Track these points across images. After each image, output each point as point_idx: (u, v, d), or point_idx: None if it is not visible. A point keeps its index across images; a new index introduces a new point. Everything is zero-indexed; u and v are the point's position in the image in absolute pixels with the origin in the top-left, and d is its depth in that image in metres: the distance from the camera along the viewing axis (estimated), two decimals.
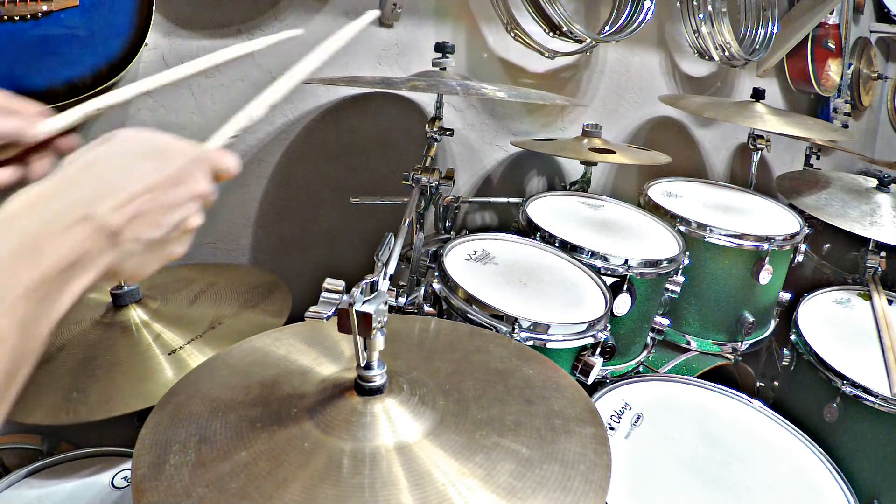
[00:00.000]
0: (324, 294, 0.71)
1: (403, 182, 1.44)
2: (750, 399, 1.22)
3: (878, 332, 1.51)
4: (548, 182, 2.32)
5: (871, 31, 3.38)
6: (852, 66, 3.17)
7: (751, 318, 1.69)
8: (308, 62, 0.71)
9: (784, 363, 1.52)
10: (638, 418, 1.13)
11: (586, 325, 1.17)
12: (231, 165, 0.60)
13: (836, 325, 1.54)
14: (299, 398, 0.76)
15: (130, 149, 0.53)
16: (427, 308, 1.22)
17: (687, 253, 1.52)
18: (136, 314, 1.16)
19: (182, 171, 0.54)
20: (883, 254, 1.79)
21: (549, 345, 1.13)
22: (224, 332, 1.16)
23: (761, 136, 2.30)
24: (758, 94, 2.11)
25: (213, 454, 0.67)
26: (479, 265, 1.32)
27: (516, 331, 1.11)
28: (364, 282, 0.71)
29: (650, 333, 1.55)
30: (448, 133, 1.51)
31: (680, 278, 1.49)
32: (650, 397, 1.20)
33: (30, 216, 0.44)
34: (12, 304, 0.41)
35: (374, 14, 0.80)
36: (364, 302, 0.70)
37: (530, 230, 1.50)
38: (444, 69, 1.50)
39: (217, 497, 0.61)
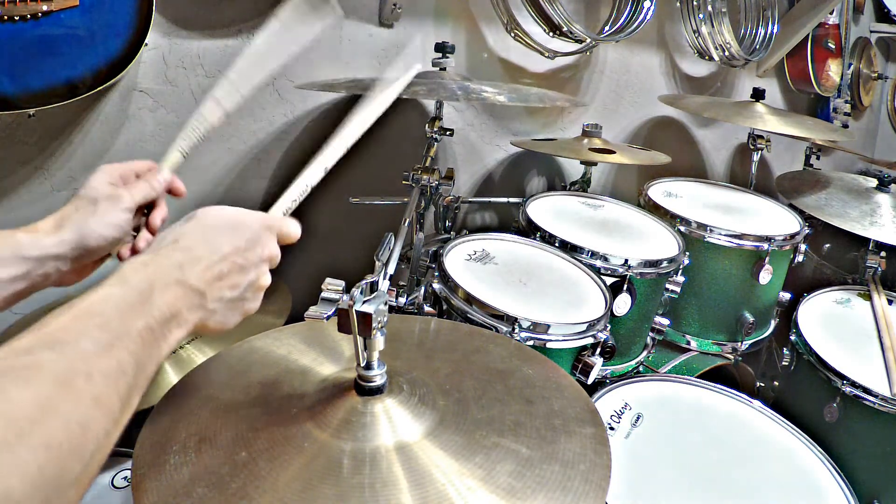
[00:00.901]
0: (324, 294, 0.72)
1: (403, 182, 1.44)
2: (750, 399, 1.22)
3: (878, 332, 1.51)
4: (548, 182, 2.32)
5: (871, 31, 3.38)
6: (852, 66, 3.17)
7: (751, 318, 1.69)
8: (358, 124, 0.81)
9: (784, 363, 1.52)
10: (638, 418, 1.13)
11: (586, 325, 1.17)
12: (294, 230, 0.71)
13: (836, 325, 1.54)
14: (299, 398, 0.76)
15: (209, 224, 0.64)
16: (427, 308, 1.22)
17: (687, 253, 1.52)
18: None
19: (252, 239, 0.65)
20: (883, 254, 1.79)
21: (549, 345, 1.13)
22: (224, 332, 1.16)
23: (761, 136, 2.29)
24: (758, 94, 2.11)
25: (213, 454, 0.67)
26: (479, 265, 1.32)
27: (516, 331, 1.11)
28: (364, 282, 0.71)
29: (650, 333, 1.55)
30: (448, 133, 1.51)
31: (680, 278, 1.49)
32: (650, 397, 1.20)
33: (139, 278, 0.54)
34: (130, 343, 0.50)
35: (419, 67, 0.87)
36: (364, 302, 0.70)
37: (530, 230, 1.50)
38: (444, 69, 1.50)
39: (217, 497, 0.61)
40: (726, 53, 2.39)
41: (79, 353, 0.46)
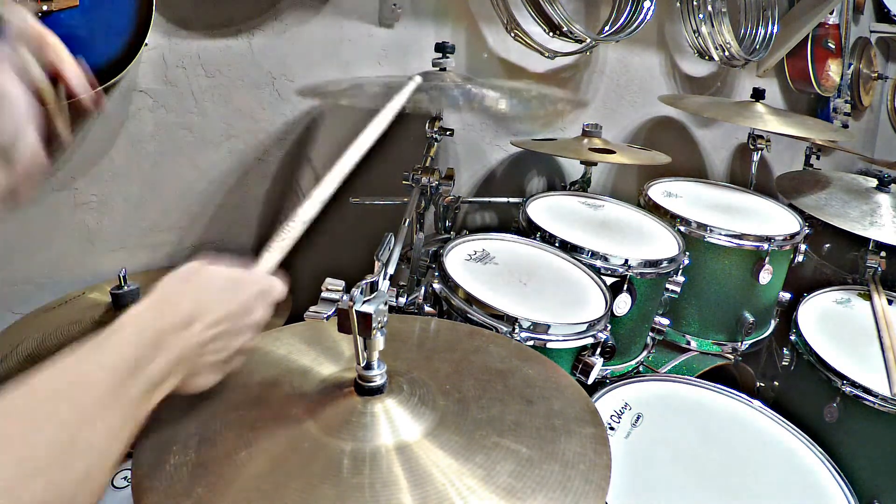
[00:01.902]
0: (324, 294, 0.72)
1: (403, 182, 1.43)
2: (750, 399, 1.22)
3: (878, 332, 1.51)
4: (548, 182, 2.32)
5: (871, 31, 3.38)
6: (852, 66, 3.17)
7: (751, 318, 1.69)
8: (353, 154, 0.89)
9: (784, 363, 1.52)
10: (638, 418, 1.13)
11: (586, 325, 1.17)
12: (282, 294, 0.73)
13: (836, 325, 1.54)
14: (299, 398, 0.76)
15: (207, 286, 0.65)
16: (427, 308, 1.22)
17: (687, 253, 1.52)
18: None
19: (246, 305, 0.67)
20: (883, 254, 1.79)
21: (549, 345, 1.13)
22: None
23: (761, 136, 2.30)
24: (758, 94, 2.11)
25: (213, 454, 0.67)
26: (479, 265, 1.32)
27: (516, 331, 1.11)
28: (364, 282, 0.71)
29: (650, 333, 1.55)
30: (448, 133, 1.51)
31: (680, 278, 1.49)
32: (650, 397, 1.20)
33: (153, 323, 0.59)
34: (124, 402, 0.55)
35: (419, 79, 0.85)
36: (364, 302, 0.69)
37: (530, 230, 1.50)
38: (445, 69, 1.50)
39: (217, 497, 0.61)
40: (726, 53, 2.39)
41: (79, 406, 0.52)
